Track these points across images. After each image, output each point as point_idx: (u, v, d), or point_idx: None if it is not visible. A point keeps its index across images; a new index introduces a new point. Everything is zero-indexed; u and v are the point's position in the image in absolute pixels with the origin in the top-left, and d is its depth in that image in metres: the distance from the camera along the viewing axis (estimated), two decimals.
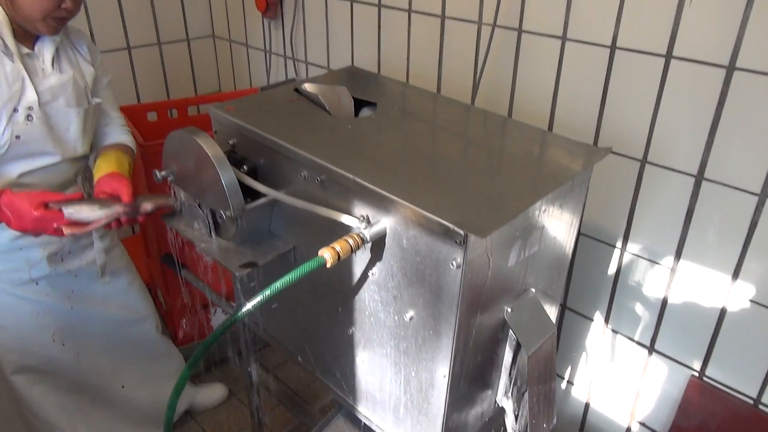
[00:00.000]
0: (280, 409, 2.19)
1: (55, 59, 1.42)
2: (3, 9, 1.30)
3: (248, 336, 1.56)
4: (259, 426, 1.77)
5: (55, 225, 1.24)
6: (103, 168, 1.45)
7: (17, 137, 1.35)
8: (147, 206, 1.33)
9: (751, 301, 1.39)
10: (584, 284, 1.72)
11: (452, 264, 0.91)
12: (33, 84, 1.36)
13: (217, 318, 2.27)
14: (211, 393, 2.21)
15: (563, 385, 1.90)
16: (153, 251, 2.12)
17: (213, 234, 1.23)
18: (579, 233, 1.67)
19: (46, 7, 1.28)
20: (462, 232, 0.87)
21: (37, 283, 1.53)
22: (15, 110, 1.33)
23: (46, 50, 1.40)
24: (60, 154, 1.45)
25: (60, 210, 1.23)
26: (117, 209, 1.28)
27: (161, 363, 1.91)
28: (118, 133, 1.63)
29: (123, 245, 1.76)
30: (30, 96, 1.35)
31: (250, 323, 1.51)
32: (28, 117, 1.36)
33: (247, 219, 1.17)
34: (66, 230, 1.25)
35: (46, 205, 1.23)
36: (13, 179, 1.39)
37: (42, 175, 1.43)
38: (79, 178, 1.55)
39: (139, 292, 1.78)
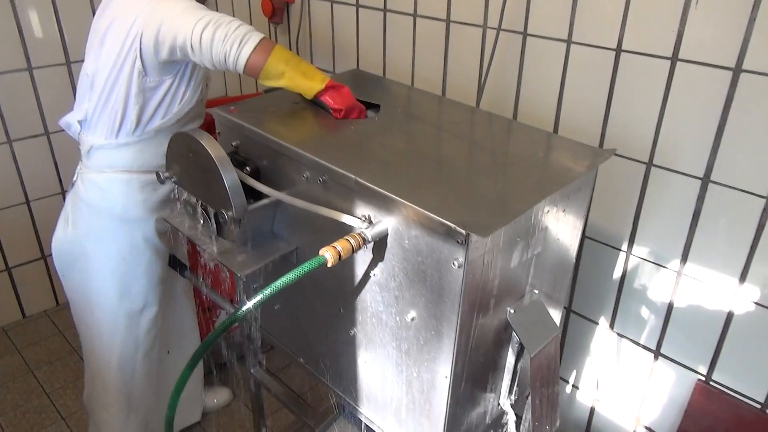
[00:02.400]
0: (284, 411, 2.18)
1: None
2: None
3: (251, 338, 1.56)
4: (262, 429, 1.76)
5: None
6: None
7: (201, 99, 1.53)
8: None
9: (757, 304, 1.37)
10: (590, 288, 1.71)
11: (454, 264, 0.91)
12: None
13: (222, 320, 2.27)
14: (217, 396, 2.21)
15: (568, 389, 1.88)
16: None
17: (216, 235, 1.23)
18: (584, 236, 1.66)
19: None
20: (463, 231, 0.87)
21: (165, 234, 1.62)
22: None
23: None
24: (203, 113, 1.61)
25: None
26: None
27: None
28: None
29: None
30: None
31: (253, 325, 1.51)
32: (207, 84, 1.57)
33: (249, 220, 1.17)
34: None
35: None
36: None
37: None
38: None
39: None
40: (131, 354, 1.66)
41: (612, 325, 1.69)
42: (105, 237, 1.54)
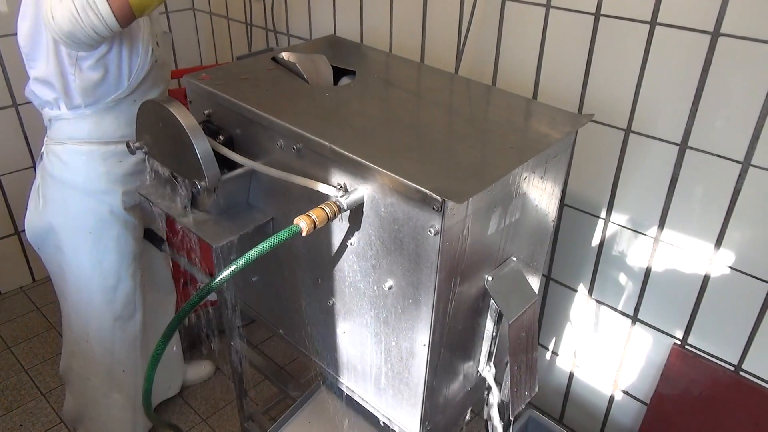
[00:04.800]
0: (266, 383, 2.19)
1: None
2: None
3: (231, 311, 1.55)
4: (244, 400, 1.76)
5: None
6: None
7: (156, 60, 1.46)
8: None
9: (732, 268, 1.39)
10: (569, 256, 1.72)
11: (430, 231, 0.90)
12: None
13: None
14: (198, 370, 2.20)
15: (548, 355, 1.90)
16: None
17: (190, 206, 1.20)
18: (564, 205, 1.66)
19: None
20: (439, 198, 0.85)
21: (136, 209, 1.59)
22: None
23: None
24: (167, 77, 1.56)
25: None
26: None
27: None
28: None
29: None
30: (157, 25, 1.48)
31: (233, 297, 1.49)
32: (158, 43, 1.48)
33: (223, 190, 1.15)
34: None
35: None
36: None
37: None
38: None
39: None
40: (108, 327, 1.64)
41: (590, 292, 1.70)
42: (70, 210, 1.51)
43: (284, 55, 1.33)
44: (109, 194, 1.51)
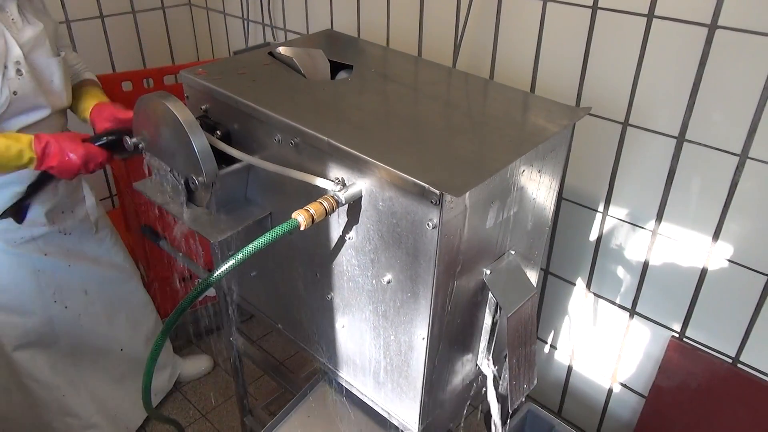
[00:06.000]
0: (265, 378, 2.19)
1: (21, 11, 1.39)
2: None
3: (230, 306, 1.55)
4: (243, 396, 1.77)
5: (99, 160, 1.36)
6: (89, 100, 1.53)
7: (14, 93, 1.36)
8: None
9: (729, 261, 1.39)
10: (567, 249, 1.72)
11: (428, 225, 0.90)
12: (13, 38, 1.35)
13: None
14: (197, 364, 2.21)
15: (546, 349, 1.91)
16: (132, 224, 2.09)
17: (187, 202, 1.20)
18: (562, 198, 1.66)
19: None
20: (437, 191, 0.85)
21: (36, 242, 1.53)
22: (5, 66, 1.33)
23: (9, 2, 1.36)
24: (50, 106, 1.45)
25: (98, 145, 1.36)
26: None
27: (153, 323, 1.94)
28: (83, 71, 1.64)
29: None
30: (15, 50, 1.34)
31: (231, 292, 1.50)
32: (18, 71, 1.36)
33: (221, 185, 1.14)
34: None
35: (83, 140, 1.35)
36: None
37: (37, 130, 1.41)
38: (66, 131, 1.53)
39: (122, 250, 1.79)
40: (28, 358, 1.61)
41: (589, 286, 1.71)
42: None
43: (281, 49, 1.33)
44: None
